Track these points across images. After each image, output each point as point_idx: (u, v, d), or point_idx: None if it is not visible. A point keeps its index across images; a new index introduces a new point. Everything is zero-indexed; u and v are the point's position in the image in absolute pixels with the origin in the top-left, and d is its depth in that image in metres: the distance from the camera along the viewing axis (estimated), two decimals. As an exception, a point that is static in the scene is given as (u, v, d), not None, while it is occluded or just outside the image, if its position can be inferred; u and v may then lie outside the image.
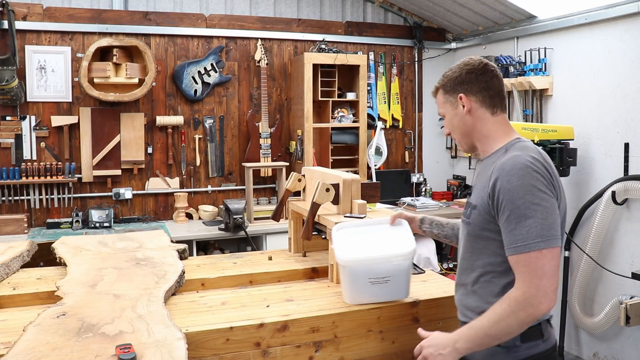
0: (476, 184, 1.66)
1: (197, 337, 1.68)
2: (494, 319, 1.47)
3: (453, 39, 5.10)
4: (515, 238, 1.45)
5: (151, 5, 4.28)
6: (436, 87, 1.75)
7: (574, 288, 3.68)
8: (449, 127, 1.73)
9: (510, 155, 1.53)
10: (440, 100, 1.73)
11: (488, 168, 1.59)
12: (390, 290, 1.90)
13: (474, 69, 1.66)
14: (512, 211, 1.46)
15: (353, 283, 1.88)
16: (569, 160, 3.50)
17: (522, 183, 1.45)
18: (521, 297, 1.43)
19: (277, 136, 4.50)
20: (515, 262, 1.46)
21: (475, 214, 1.58)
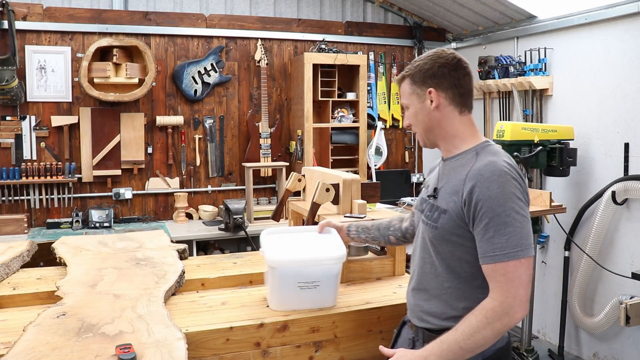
0: (443, 186, 1.57)
1: (197, 337, 1.68)
2: (469, 332, 1.42)
3: (453, 39, 5.10)
4: (493, 247, 1.41)
5: (151, 5, 4.28)
6: (403, 75, 1.64)
7: (574, 288, 3.68)
8: (413, 120, 1.63)
9: (485, 160, 1.48)
10: (405, 90, 1.63)
11: (458, 171, 1.53)
12: (319, 297, 1.86)
13: (447, 63, 1.57)
14: (491, 219, 1.41)
15: (281, 287, 1.83)
16: (569, 160, 3.49)
17: (502, 191, 1.41)
18: (499, 307, 1.40)
19: (277, 136, 4.50)
20: (492, 270, 1.42)
21: (445, 218, 1.51)
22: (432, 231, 1.55)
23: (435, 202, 1.57)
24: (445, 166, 1.61)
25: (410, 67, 1.62)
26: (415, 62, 1.62)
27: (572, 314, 3.73)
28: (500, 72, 4.28)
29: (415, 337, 1.65)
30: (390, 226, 1.96)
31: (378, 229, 1.97)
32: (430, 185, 1.66)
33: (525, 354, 3.59)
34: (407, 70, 1.63)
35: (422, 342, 1.60)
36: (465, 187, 1.46)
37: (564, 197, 3.86)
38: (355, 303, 1.97)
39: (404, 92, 1.64)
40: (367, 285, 2.20)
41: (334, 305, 1.90)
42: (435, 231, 1.53)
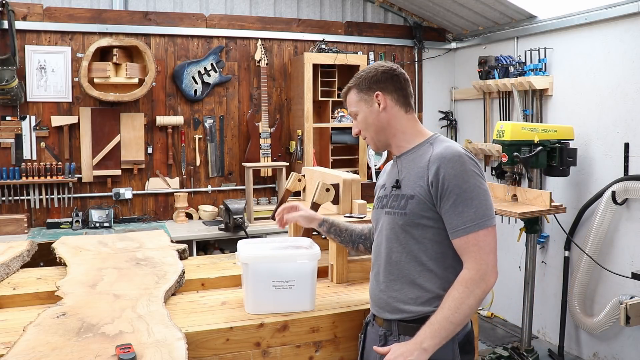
0: (405, 176, 1.66)
1: (197, 337, 1.68)
2: (455, 305, 1.51)
3: (453, 39, 5.10)
4: (464, 220, 1.53)
5: (151, 5, 4.28)
6: (349, 86, 1.77)
7: (574, 288, 3.68)
8: (363, 126, 1.74)
9: (443, 145, 1.61)
10: (352, 100, 1.75)
11: (417, 160, 1.64)
12: (295, 299, 1.86)
13: (387, 71, 1.72)
14: (458, 195, 1.53)
15: (256, 287, 1.83)
16: (569, 160, 3.49)
17: (465, 169, 1.55)
18: (476, 275, 1.52)
19: (277, 136, 4.50)
20: (465, 242, 1.54)
21: (413, 203, 1.59)
22: (402, 218, 1.62)
23: (399, 191, 1.66)
24: (401, 161, 1.71)
25: (354, 80, 1.75)
26: (358, 74, 1.75)
27: (572, 314, 3.73)
28: (500, 72, 4.28)
29: (387, 332, 1.67)
30: (362, 234, 1.98)
31: (351, 234, 1.99)
32: (386, 182, 1.76)
33: (525, 354, 3.59)
34: (351, 83, 1.76)
35: (397, 335, 1.64)
36: (430, 171, 1.58)
37: (564, 197, 3.86)
38: (355, 303, 1.97)
39: (351, 102, 1.76)
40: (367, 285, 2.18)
41: (313, 309, 1.88)
42: (405, 217, 1.61)
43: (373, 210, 1.82)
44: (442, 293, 1.57)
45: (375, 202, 1.81)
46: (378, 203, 1.77)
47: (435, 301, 1.58)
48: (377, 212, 1.77)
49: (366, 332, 1.79)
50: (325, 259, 2.26)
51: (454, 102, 5.15)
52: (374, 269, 1.76)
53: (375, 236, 1.77)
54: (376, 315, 1.73)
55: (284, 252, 1.89)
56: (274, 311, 1.83)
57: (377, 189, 1.83)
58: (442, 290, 1.57)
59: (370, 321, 1.78)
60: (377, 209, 1.77)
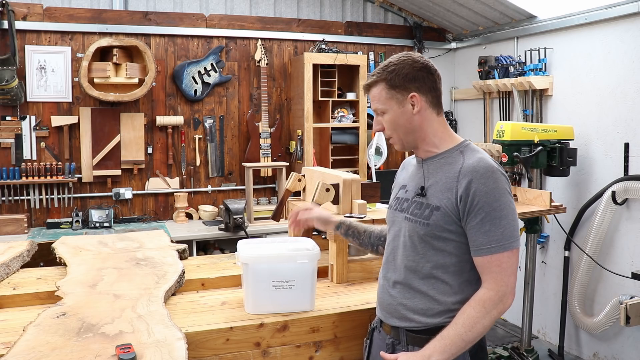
0: (431, 184, 1.58)
1: (197, 337, 1.68)
2: (470, 324, 1.47)
3: (453, 39, 5.10)
4: (489, 239, 1.48)
5: (151, 5, 4.28)
6: (376, 79, 1.61)
7: (574, 288, 3.68)
8: (390, 126, 1.62)
9: (475, 157, 1.54)
10: (380, 96, 1.61)
11: (446, 169, 1.57)
12: (295, 299, 1.85)
13: (424, 67, 1.61)
14: (487, 213, 1.47)
15: (256, 287, 1.83)
16: (569, 160, 3.50)
17: (497, 186, 1.49)
18: (495, 296, 1.48)
19: (277, 136, 4.50)
20: (487, 262, 1.49)
21: (438, 215, 1.53)
22: (423, 228, 1.55)
23: (424, 199, 1.58)
24: (428, 165, 1.63)
25: (382, 72, 1.61)
26: (388, 67, 1.60)
27: (572, 314, 3.73)
28: (500, 72, 4.28)
29: (394, 341, 1.62)
30: (381, 236, 1.93)
31: (369, 236, 1.94)
32: (408, 184, 1.68)
33: (525, 354, 3.59)
34: (380, 75, 1.61)
35: (405, 345, 1.59)
36: (460, 184, 1.51)
37: (564, 197, 3.86)
38: (355, 303, 1.97)
39: (378, 98, 1.62)
40: (367, 285, 2.20)
41: (313, 309, 1.88)
42: (427, 228, 1.54)
43: (389, 210, 1.73)
44: (454, 307, 1.53)
45: (392, 201, 1.73)
46: (397, 204, 1.69)
47: (446, 314, 1.54)
48: (394, 214, 1.69)
49: (372, 337, 1.75)
50: (325, 259, 2.26)
51: (454, 102, 5.15)
52: (385, 272, 1.69)
53: (390, 238, 1.70)
54: (383, 321, 1.68)
55: (284, 252, 1.89)
56: (274, 311, 1.83)
57: (396, 187, 1.76)
58: (454, 304, 1.53)
59: (377, 327, 1.73)
60: (395, 211, 1.69)
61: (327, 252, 2.30)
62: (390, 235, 1.69)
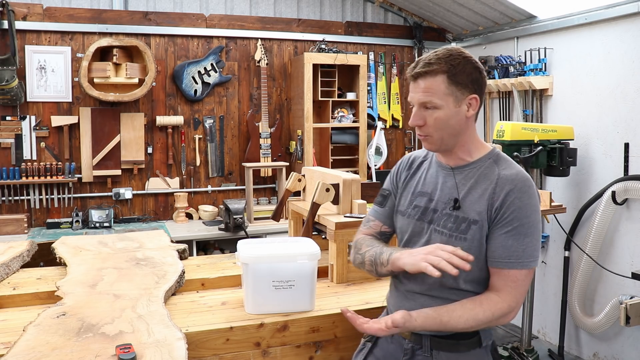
0: (466, 196, 1.51)
1: (197, 337, 1.68)
2: (473, 323, 1.46)
3: (453, 39, 5.10)
4: (510, 253, 1.45)
5: (151, 5, 4.28)
6: (437, 69, 1.46)
7: (574, 288, 3.68)
8: (437, 123, 1.49)
9: (511, 169, 1.51)
10: (439, 89, 1.47)
11: (480, 180, 1.52)
12: (295, 299, 1.85)
13: (482, 69, 1.52)
14: (515, 227, 1.45)
15: (256, 287, 1.82)
16: (569, 160, 3.50)
17: (531, 203, 1.46)
18: (506, 309, 1.46)
19: (277, 136, 4.50)
20: (505, 275, 1.46)
21: (476, 229, 1.48)
22: (460, 243, 1.49)
23: (459, 213, 1.51)
24: (459, 175, 1.55)
25: (446, 63, 1.46)
26: (450, 59, 1.47)
27: (572, 314, 3.73)
28: (500, 72, 4.28)
29: (414, 346, 1.57)
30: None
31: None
32: (433, 193, 1.58)
33: (525, 354, 3.59)
34: (442, 66, 1.46)
35: (428, 349, 1.54)
36: (497, 194, 1.47)
37: (564, 197, 3.86)
38: (355, 303, 1.97)
39: (435, 90, 1.47)
40: (367, 285, 2.20)
41: (313, 309, 1.88)
42: (464, 242, 1.49)
43: (406, 218, 1.62)
44: None
45: (409, 208, 1.62)
46: (419, 213, 1.59)
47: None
48: (416, 224, 1.59)
49: (377, 342, 1.68)
50: (325, 259, 2.26)
51: (454, 102, 5.14)
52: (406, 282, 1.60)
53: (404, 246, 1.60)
54: None
55: (284, 252, 1.89)
56: (274, 311, 1.83)
57: (409, 191, 1.65)
58: None
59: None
60: (416, 220, 1.59)
61: (327, 252, 2.31)
62: (413, 247, 1.58)
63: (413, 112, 1.53)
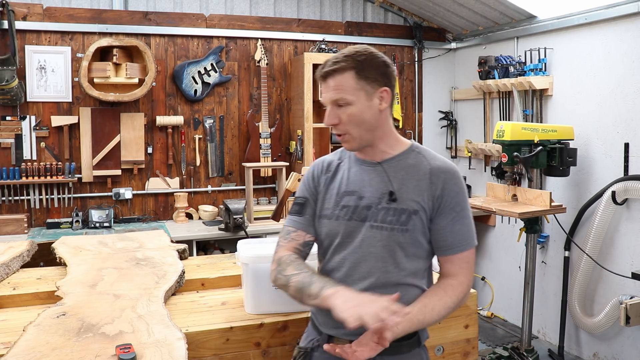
0: (400, 187, 1.51)
1: (197, 337, 1.68)
2: (445, 312, 1.50)
3: (453, 39, 5.10)
4: (460, 237, 1.53)
5: (151, 5, 4.28)
6: (344, 66, 1.47)
7: (574, 288, 3.68)
8: (352, 120, 1.48)
9: (439, 158, 1.58)
10: (349, 85, 1.47)
11: (411, 171, 1.53)
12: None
13: (390, 63, 1.55)
14: (458, 213, 1.53)
15: (256, 287, 1.80)
16: (569, 160, 3.49)
17: (463, 187, 1.57)
18: (466, 290, 1.54)
19: (277, 136, 4.50)
20: (458, 259, 1.53)
21: (417, 219, 1.49)
22: (402, 235, 1.49)
23: (396, 205, 1.50)
24: (388, 168, 1.55)
25: (352, 60, 1.48)
26: (355, 55, 1.49)
27: (572, 314, 3.73)
28: (500, 72, 4.28)
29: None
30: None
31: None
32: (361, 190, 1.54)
33: (525, 354, 3.59)
34: (348, 62, 1.48)
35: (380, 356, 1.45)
36: (434, 185, 1.52)
37: (564, 197, 3.86)
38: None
39: (345, 87, 1.48)
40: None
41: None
42: (406, 234, 1.50)
43: (334, 221, 1.56)
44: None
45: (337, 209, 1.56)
46: (349, 213, 1.53)
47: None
48: (347, 224, 1.53)
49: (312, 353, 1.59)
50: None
51: (454, 102, 5.15)
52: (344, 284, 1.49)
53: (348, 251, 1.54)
54: (339, 337, 1.52)
55: None
56: (274, 311, 1.83)
57: (338, 195, 1.57)
58: None
59: (320, 345, 1.54)
60: (347, 221, 1.53)
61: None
62: (345, 249, 1.54)
63: (327, 112, 1.53)
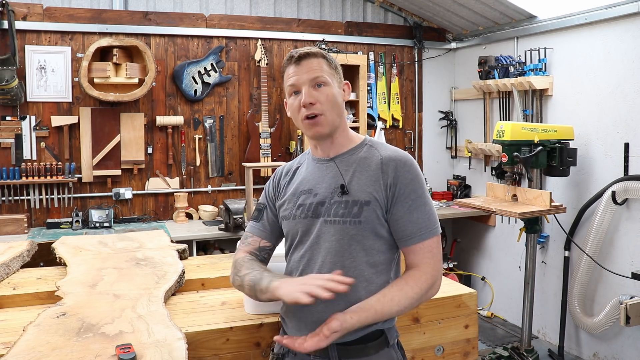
0: (351, 180, 1.51)
1: (197, 337, 1.68)
2: (406, 304, 1.46)
3: (453, 39, 5.10)
4: (419, 226, 1.49)
5: (151, 5, 4.28)
6: (317, 53, 1.55)
7: (574, 288, 3.68)
8: (329, 101, 1.52)
9: (390, 148, 1.57)
10: (324, 68, 1.54)
11: (363, 163, 1.53)
12: None
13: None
14: (414, 200, 1.49)
15: None
16: (569, 160, 3.49)
17: (418, 174, 1.53)
18: (431, 280, 1.48)
19: (277, 136, 4.50)
20: (420, 249, 1.49)
21: (369, 210, 1.48)
22: (355, 227, 1.48)
23: (348, 197, 1.50)
24: (340, 163, 1.56)
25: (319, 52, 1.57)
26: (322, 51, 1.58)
27: (572, 314, 3.73)
28: (500, 72, 4.28)
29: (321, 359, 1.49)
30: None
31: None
32: (315, 187, 1.56)
33: (525, 354, 3.59)
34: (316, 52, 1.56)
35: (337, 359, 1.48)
36: (386, 173, 1.50)
37: (564, 197, 3.86)
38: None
39: (323, 68, 1.54)
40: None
41: None
42: (360, 225, 1.48)
43: (291, 221, 1.58)
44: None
45: (294, 209, 1.57)
46: (305, 211, 1.55)
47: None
48: (304, 222, 1.55)
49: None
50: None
51: (454, 102, 5.15)
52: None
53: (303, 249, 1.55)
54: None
55: (284, 251, 1.89)
56: (274, 311, 1.83)
57: (295, 195, 1.59)
58: None
59: (289, 351, 1.54)
60: (303, 219, 1.55)
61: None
62: (303, 246, 1.55)
63: (304, 92, 1.51)
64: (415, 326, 1.93)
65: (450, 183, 5.11)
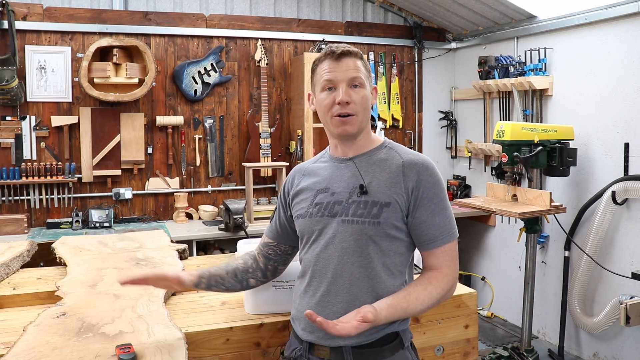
0: (371, 181, 1.51)
1: (197, 337, 1.68)
2: (430, 303, 1.48)
3: (453, 39, 5.10)
4: (441, 229, 1.51)
5: (151, 5, 4.28)
6: (356, 53, 1.57)
7: (574, 288, 3.68)
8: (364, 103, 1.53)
9: (411, 152, 1.58)
10: (362, 69, 1.55)
11: (384, 165, 1.53)
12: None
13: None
14: (436, 204, 1.51)
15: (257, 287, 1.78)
16: (569, 160, 3.50)
17: (439, 178, 1.54)
18: (452, 282, 1.52)
19: (277, 136, 4.50)
20: (441, 252, 1.52)
21: (389, 211, 1.47)
22: (373, 228, 1.47)
23: (367, 198, 1.50)
24: (359, 163, 1.56)
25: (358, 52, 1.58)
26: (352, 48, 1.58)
27: (572, 314, 3.73)
28: (500, 72, 4.28)
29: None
30: (247, 269, 1.73)
31: (235, 275, 1.71)
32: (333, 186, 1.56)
33: (525, 354, 3.59)
34: (356, 52, 1.57)
35: None
36: (408, 177, 1.51)
37: (564, 197, 3.86)
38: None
39: (361, 70, 1.55)
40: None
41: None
42: (378, 226, 1.47)
43: (308, 219, 1.57)
44: None
45: (310, 207, 1.57)
46: (322, 210, 1.54)
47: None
48: (320, 221, 1.54)
49: None
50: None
51: (454, 102, 5.15)
52: (316, 287, 1.53)
53: (319, 249, 1.54)
54: (317, 344, 1.51)
55: None
56: (274, 311, 1.83)
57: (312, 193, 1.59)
58: None
59: (302, 355, 1.54)
60: (320, 217, 1.54)
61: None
62: (317, 245, 1.54)
63: (341, 90, 1.51)
64: (416, 326, 1.93)
65: (450, 183, 5.12)
